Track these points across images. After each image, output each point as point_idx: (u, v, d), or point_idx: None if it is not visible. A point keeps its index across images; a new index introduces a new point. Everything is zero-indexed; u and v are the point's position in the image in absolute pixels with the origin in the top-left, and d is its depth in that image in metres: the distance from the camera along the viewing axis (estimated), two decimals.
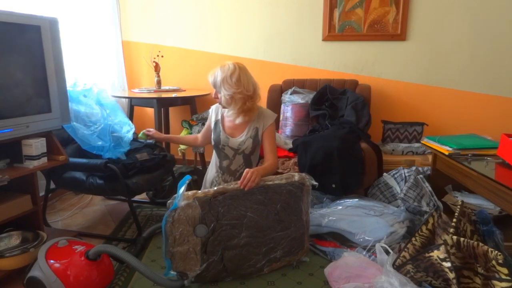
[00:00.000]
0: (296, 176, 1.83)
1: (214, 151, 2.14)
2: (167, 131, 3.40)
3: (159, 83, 3.18)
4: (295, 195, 1.83)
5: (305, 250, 1.92)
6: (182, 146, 3.01)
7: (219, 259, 1.72)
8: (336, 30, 2.99)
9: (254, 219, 1.75)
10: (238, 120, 1.98)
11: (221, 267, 1.73)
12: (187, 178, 1.65)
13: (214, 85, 1.99)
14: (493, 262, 1.30)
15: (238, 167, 2.05)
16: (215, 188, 1.72)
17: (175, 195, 1.64)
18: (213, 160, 2.16)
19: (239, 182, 1.72)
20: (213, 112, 2.15)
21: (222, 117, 2.11)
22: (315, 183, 1.87)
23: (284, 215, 1.81)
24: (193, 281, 1.70)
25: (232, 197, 1.70)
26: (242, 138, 2.01)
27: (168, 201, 1.66)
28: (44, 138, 1.87)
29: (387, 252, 1.74)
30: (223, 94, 1.95)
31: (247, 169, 1.75)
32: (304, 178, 1.84)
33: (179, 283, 1.68)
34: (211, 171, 2.15)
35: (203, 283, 1.75)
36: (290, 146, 2.56)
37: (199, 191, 1.68)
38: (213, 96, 2.03)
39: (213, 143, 2.10)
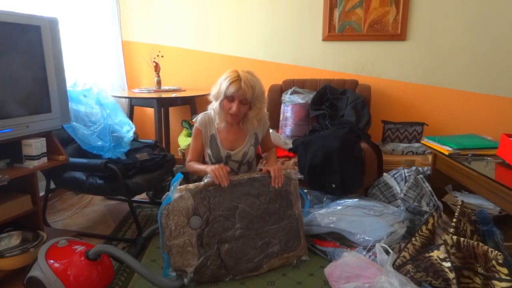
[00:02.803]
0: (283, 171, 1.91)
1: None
2: (167, 131, 3.40)
3: (159, 83, 3.18)
4: (283, 188, 1.89)
5: (303, 245, 1.92)
6: (182, 146, 3.01)
7: (216, 253, 1.74)
8: (336, 30, 2.99)
9: (246, 210, 1.81)
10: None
11: (219, 263, 1.74)
12: (180, 176, 1.72)
13: (252, 98, 1.79)
14: (493, 262, 1.30)
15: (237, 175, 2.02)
16: (205, 181, 1.81)
17: (168, 191, 1.72)
18: None
19: (272, 182, 1.84)
20: (203, 127, 1.92)
21: (217, 131, 1.93)
22: (300, 176, 1.96)
23: (274, 207, 1.87)
24: (192, 277, 1.70)
25: (222, 188, 1.77)
26: (244, 149, 1.95)
27: (162, 197, 1.73)
28: (44, 138, 1.87)
29: (387, 252, 1.74)
30: (259, 107, 1.85)
31: (271, 168, 1.84)
32: (290, 173, 1.93)
33: (177, 283, 1.68)
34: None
35: (203, 282, 1.74)
36: (290, 146, 2.56)
37: (191, 184, 1.76)
38: (234, 111, 1.78)
39: (213, 160, 1.95)
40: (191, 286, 1.72)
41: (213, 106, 1.88)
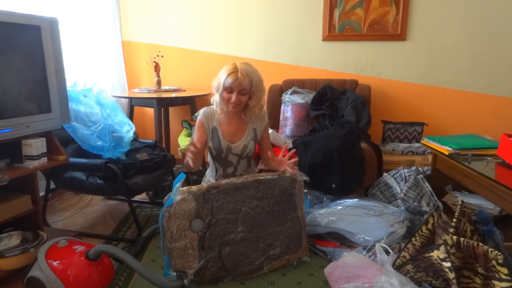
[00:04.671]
0: (287, 172, 1.89)
1: (212, 160, 2.04)
2: (167, 131, 3.40)
3: (159, 83, 3.18)
4: (288, 191, 1.88)
5: (304, 247, 1.92)
6: (182, 146, 3.01)
7: (217, 255, 1.73)
8: (336, 30, 2.99)
9: (249, 214, 1.78)
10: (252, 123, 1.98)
11: (220, 265, 1.74)
12: (182, 176, 1.70)
13: (250, 87, 1.84)
14: (493, 262, 1.30)
15: (243, 172, 2.03)
16: (209, 183, 1.81)
17: (170, 192, 1.69)
18: (212, 169, 2.06)
19: (290, 170, 1.87)
20: (205, 120, 1.97)
21: (218, 123, 1.98)
22: (306, 178, 1.94)
23: (278, 210, 1.85)
24: (192, 279, 1.70)
25: (225, 191, 1.76)
26: (244, 142, 1.97)
27: (164, 198, 1.70)
28: (44, 138, 1.87)
29: (387, 252, 1.74)
30: (259, 96, 1.90)
31: (281, 158, 1.92)
32: (295, 174, 1.91)
33: (178, 283, 1.68)
34: (211, 178, 2.07)
35: (203, 283, 1.74)
36: (290, 146, 2.56)
37: (193, 186, 1.73)
38: (233, 101, 1.83)
39: (214, 153, 1.99)
40: (190, 286, 1.72)
41: (215, 98, 1.94)
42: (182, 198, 1.68)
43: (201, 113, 1.99)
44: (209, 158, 2.07)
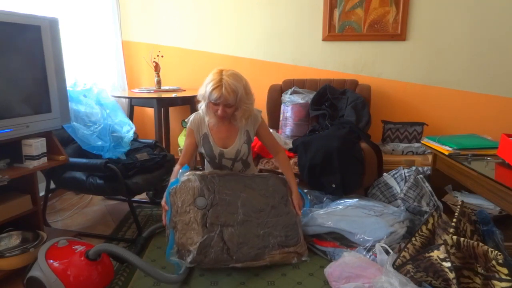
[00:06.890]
0: (279, 169, 2.06)
1: (207, 163, 2.09)
2: (167, 131, 3.40)
3: (159, 83, 3.18)
4: (281, 185, 2.03)
5: (302, 243, 1.93)
6: (182, 146, 3.01)
7: (219, 235, 1.77)
8: (336, 30, 2.99)
9: (247, 199, 1.91)
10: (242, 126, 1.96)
11: (222, 245, 1.76)
12: (186, 168, 1.90)
13: (236, 101, 1.80)
14: (493, 262, 1.30)
15: (239, 172, 2.05)
16: (209, 170, 2.02)
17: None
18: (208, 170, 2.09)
19: (297, 211, 2.00)
20: (195, 127, 1.97)
21: (209, 129, 1.97)
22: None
23: (273, 202, 1.96)
24: (195, 256, 1.69)
25: (225, 178, 1.94)
26: (237, 146, 1.97)
27: (170, 180, 1.86)
28: (44, 138, 1.87)
29: (387, 252, 1.74)
30: (245, 108, 1.86)
31: (295, 197, 2.02)
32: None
33: (180, 277, 1.69)
34: None
35: (206, 265, 1.75)
36: (290, 146, 2.56)
37: (196, 171, 1.91)
38: (220, 114, 1.82)
39: (208, 159, 2.03)
40: (191, 283, 1.72)
41: (202, 106, 1.91)
42: (187, 178, 1.85)
43: (191, 120, 1.98)
44: (205, 161, 2.08)
